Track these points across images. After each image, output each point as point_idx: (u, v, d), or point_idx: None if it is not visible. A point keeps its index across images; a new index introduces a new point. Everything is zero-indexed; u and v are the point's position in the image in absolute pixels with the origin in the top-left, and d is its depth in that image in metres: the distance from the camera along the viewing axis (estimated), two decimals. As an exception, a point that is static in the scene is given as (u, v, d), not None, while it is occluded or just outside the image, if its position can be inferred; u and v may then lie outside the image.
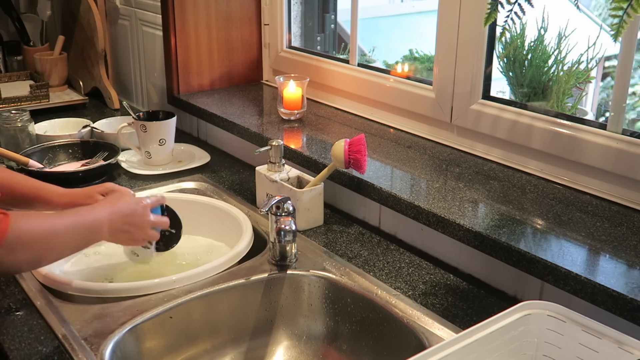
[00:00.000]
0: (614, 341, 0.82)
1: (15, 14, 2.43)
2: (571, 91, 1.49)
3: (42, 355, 0.99)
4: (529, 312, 0.88)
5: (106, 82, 2.22)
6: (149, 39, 2.08)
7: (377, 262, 1.25)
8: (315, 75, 1.84)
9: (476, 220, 1.15)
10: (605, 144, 1.21)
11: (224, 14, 1.95)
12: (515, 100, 1.51)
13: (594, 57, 1.47)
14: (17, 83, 2.33)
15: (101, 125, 1.88)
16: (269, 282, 1.22)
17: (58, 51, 2.32)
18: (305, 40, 2.12)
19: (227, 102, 1.86)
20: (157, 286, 1.15)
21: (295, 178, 1.42)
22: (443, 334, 1.04)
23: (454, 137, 1.51)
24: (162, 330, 1.11)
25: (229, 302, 1.19)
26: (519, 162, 1.38)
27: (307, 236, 1.35)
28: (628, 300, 0.92)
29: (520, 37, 1.50)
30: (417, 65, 2.67)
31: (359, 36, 1.76)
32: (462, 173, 1.36)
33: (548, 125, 1.31)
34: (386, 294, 1.14)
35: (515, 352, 0.89)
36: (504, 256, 1.08)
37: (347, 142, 1.32)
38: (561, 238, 1.09)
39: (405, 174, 1.37)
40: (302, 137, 1.62)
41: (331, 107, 1.82)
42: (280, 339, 1.24)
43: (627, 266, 1.00)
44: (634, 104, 2.29)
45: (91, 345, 1.01)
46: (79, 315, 1.08)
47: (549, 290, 1.09)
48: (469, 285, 1.18)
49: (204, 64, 1.96)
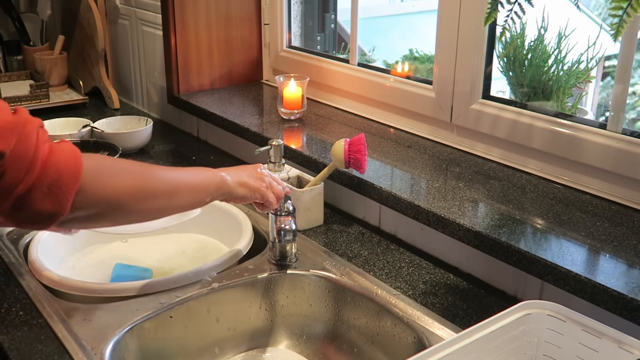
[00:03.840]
0: (614, 341, 0.82)
1: (15, 14, 2.43)
2: (571, 91, 1.49)
3: (42, 355, 0.99)
4: (529, 311, 0.88)
5: (106, 81, 2.22)
6: (149, 38, 2.08)
7: (377, 262, 1.25)
8: (315, 75, 1.84)
9: (476, 219, 1.15)
10: (605, 143, 1.21)
11: (224, 13, 1.95)
12: (515, 99, 1.51)
13: (594, 56, 1.47)
14: (17, 83, 2.33)
15: (101, 124, 1.88)
16: (269, 281, 1.22)
17: (58, 51, 2.32)
18: (305, 39, 2.12)
19: (227, 102, 1.86)
20: (157, 286, 1.15)
21: (295, 178, 1.42)
22: (443, 333, 1.04)
23: (454, 136, 1.51)
24: (162, 330, 1.11)
25: (229, 301, 1.19)
26: (519, 161, 1.38)
27: (307, 236, 1.35)
28: (628, 300, 0.92)
29: (520, 37, 1.50)
30: (417, 64, 2.67)
31: (359, 36, 1.76)
32: (462, 173, 1.36)
33: (548, 124, 1.31)
34: (386, 293, 1.14)
35: (515, 352, 0.89)
36: (504, 256, 1.08)
37: (347, 142, 1.32)
38: (561, 238, 1.09)
39: (405, 173, 1.37)
40: (302, 136, 1.62)
41: (331, 107, 1.82)
42: (280, 339, 1.24)
43: (627, 266, 1.00)
44: (634, 103, 2.29)
45: (91, 345, 1.01)
46: (79, 315, 1.08)
47: (549, 290, 1.09)
48: (469, 284, 1.18)
49: (204, 64, 1.96)
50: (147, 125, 1.84)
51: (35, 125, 0.78)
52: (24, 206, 0.75)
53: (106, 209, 0.84)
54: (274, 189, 1.09)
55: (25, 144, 0.75)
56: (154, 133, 1.87)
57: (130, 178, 0.86)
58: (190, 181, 0.96)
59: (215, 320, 1.18)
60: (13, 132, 0.74)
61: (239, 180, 1.03)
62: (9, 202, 0.74)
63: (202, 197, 0.98)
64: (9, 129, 0.74)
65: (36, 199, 0.75)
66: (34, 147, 0.75)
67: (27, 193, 0.74)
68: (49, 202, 0.76)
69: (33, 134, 0.76)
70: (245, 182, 1.04)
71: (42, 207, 0.76)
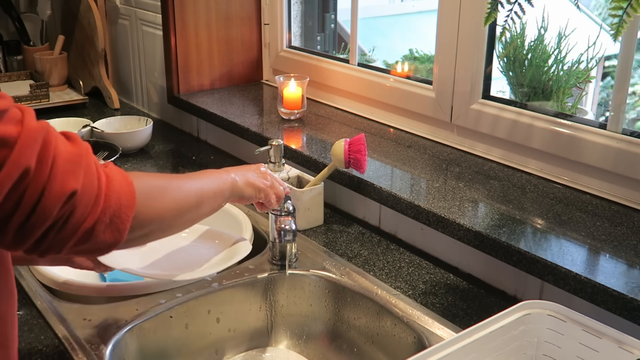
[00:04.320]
0: (614, 341, 0.82)
1: (15, 14, 2.43)
2: (571, 91, 1.49)
3: (42, 355, 0.99)
4: (529, 311, 0.88)
5: (106, 81, 2.22)
6: (149, 38, 2.08)
7: (377, 262, 1.25)
8: (315, 75, 1.84)
9: (476, 219, 1.15)
10: (605, 143, 1.21)
11: (224, 13, 1.95)
12: (515, 99, 1.52)
13: (594, 56, 1.47)
14: (17, 83, 2.33)
15: (101, 125, 1.88)
16: (269, 281, 1.22)
17: (58, 51, 2.32)
18: (305, 39, 2.12)
19: (227, 102, 1.87)
20: (157, 286, 1.15)
21: (295, 178, 1.43)
22: (443, 333, 1.04)
23: (454, 136, 1.51)
24: (162, 330, 1.11)
25: (229, 301, 1.19)
26: (519, 161, 1.38)
27: (307, 236, 1.35)
28: (628, 300, 0.92)
29: (520, 37, 1.50)
30: (417, 64, 2.67)
31: (359, 36, 1.76)
32: (462, 173, 1.36)
33: (548, 124, 1.31)
34: (386, 293, 1.14)
35: (515, 352, 0.89)
36: (504, 256, 1.08)
37: (347, 142, 1.32)
38: (561, 238, 1.09)
39: (405, 173, 1.37)
40: (302, 136, 1.62)
41: (331, 107, 1.82)
42: (280, 339, 1.24)
43: (627, 266, 1.00)
44: (634, 103, 2.29)
45: (91, 345, 1.01)
46: (79, 315, 1.08)
47: (549, 290, 1.09)
48: (469, 284, 1.18)
49: (204, 64, 1.96)
50: (147, 125, 1.84)
51: (90, 151, 0.74)
52: (87, 240, 0.72)
53: (152, 230, 0.83)
54: (275, 189, 1.09)
55: (90, 176, 0.71)
56: (154, 133, 1.87)
57: (172, 197, 0.85)
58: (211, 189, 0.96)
59: (215, 320, 1.18)
60: (80, 166, 0.70)
61: (247, 180, 1.03)
62: (76, 238, 0.71)
63: (220, 202, 0.98)
64: (76, 163, 0.70)
65: (99, 231, 0.72)
66: (97, 178, 0.72)
67: (92, 227, 0.71)
68: (110, 232, 0.73)
69: (92, 163, 0.72)
70: (252, 182, 1.04)
71: (104, 238, 0.73)
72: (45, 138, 0.67)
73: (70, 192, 0.68)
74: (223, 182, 0.99)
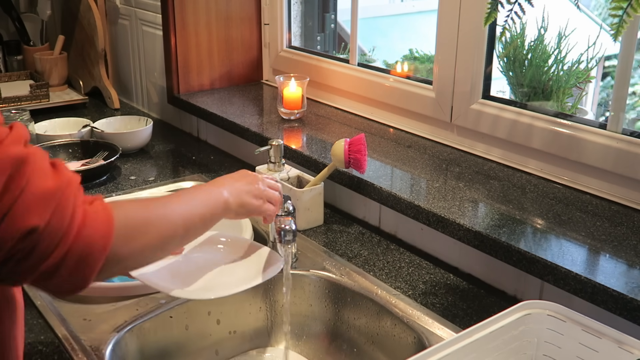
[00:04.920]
0: (614, 341, 0.82)
1: (15, 14, 2.43)
2: (571, 91, 1.49)
3: (42, 355, 0.99)
4: (529, 311, 0.88)
5: (106, 81, 2.22)
6: (149, 38, 2.08)
7: (377, 262, 1.25)
8: (315, 75, 1.84)
9: (476, 219, 1.15)
10: (605, 143, 1.21)
11: (224, 13, 1.95)
12: (515, 99, 1.51)
13: (594, 56, 1.47)
14: (17, 83, 2.33)
15: (101, 124, 1.88)
16: (269, 282, 1.21)
17: (58, 51, 2.32)
18: (305, 39, 2.12)
19: (227, 102, 1.87)
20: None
21: (295, 178, 1.42)
22: (443, 333, 1.04)
23: (454, 136, 1.51)
24: (162, 330, 1.11)
25: (229, 301, 1.19)
26: (519, 161, 1.38)
27: (307, 236, 1.35)
28: (628, 300, 0.92)
29: (520, 37, 1.50)
30: (417, 64, 2.67)
31: (359, 36, 1.76)
32: (462, 173, 1.36)
33: (548, 124, 1.31)
34: (386, 293, 1.14)
35: (515, 352, 0.89)
36: (504, 256, 1.08)
37: (347, 142, 1.32)
38: (561, 238, 1.09)
39: (405, 173, 1.37)
40: (302, 136, 1.62)
41: (331, 107, 1.82)
42: (280, 339, 1.24)
43: (627, 266, 1.00)
44: (634, 103, 2.29)
45: (91, 345, 1.01)
46: (79, 316, 1.08)
47: (549, 290, 1.09)
48: (469, 285, 1.18)
49: (204, 64, 1.96)
50: (147, 125, 1.84)
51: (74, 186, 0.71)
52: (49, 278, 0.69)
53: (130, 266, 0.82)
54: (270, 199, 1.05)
55: (60, 215, 0.67)
56: (154, 133, 1.87)
57: (155, 232, 0.81)
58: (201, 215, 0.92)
59: (215, 321, 1.18)
60: (51, 202, 0.67)
61: (240, 201, 0.98)
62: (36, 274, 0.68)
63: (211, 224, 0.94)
64: (48, 199, 0.67)
65: (63, 271, 0.69)
66: (70, 217, 0.68)
67: (55, 266, 0.68)
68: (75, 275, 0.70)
69: (70, 199, 0.69)
70: (245, 204, 0.99)
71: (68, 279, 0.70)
72: (20, 168, 0.65)
73: (30, 227, 0.65)
74: (214, 206, 0.94)
